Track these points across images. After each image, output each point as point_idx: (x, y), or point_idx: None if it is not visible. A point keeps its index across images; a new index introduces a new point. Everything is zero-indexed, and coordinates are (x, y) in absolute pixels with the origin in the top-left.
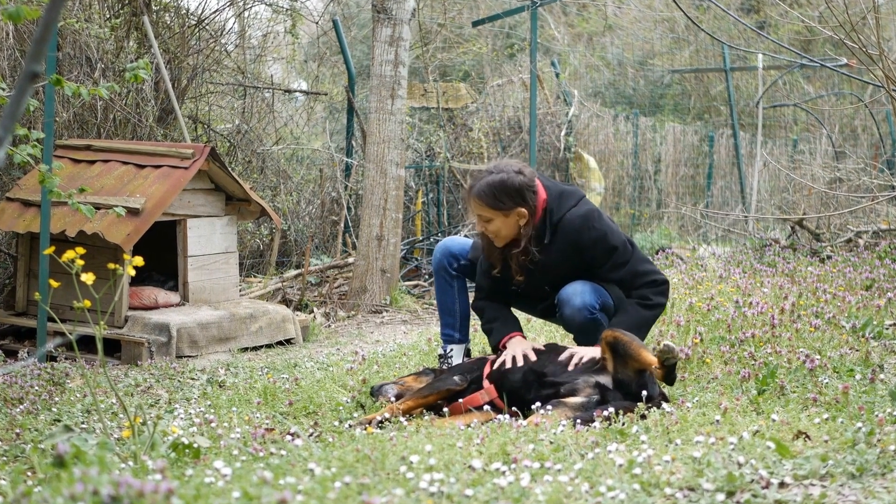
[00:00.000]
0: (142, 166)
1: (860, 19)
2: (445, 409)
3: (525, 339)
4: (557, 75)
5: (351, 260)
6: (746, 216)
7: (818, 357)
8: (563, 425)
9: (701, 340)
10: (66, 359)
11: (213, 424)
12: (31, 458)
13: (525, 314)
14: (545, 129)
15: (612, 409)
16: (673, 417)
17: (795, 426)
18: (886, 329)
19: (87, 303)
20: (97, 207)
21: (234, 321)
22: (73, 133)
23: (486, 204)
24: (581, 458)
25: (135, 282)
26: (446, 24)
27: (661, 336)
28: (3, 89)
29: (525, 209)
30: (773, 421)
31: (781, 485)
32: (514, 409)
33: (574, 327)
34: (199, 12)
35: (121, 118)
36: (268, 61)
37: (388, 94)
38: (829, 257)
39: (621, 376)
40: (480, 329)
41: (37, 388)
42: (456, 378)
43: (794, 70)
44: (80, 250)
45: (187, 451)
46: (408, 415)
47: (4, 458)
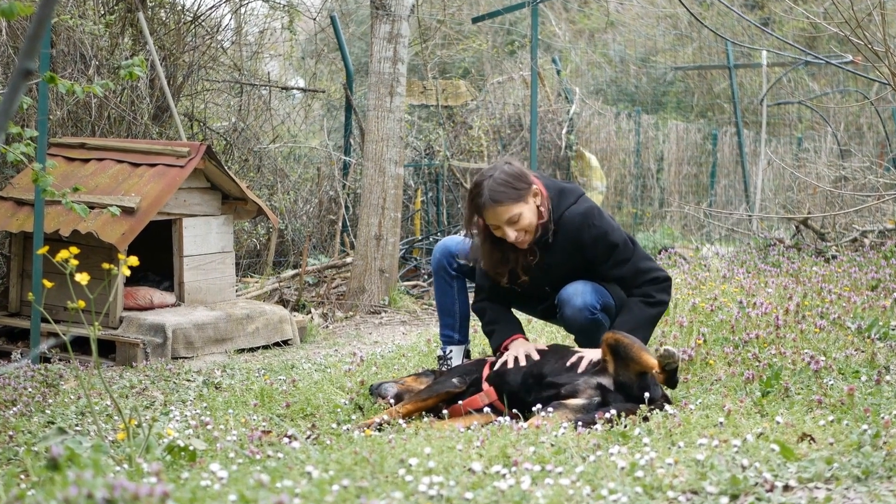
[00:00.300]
0: (137, 165)
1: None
2: (445, 411)
3: (527, 340)
4: (559, 72)
5: (349, 260)
6: (750, 215)
7: (823, 358)
8: (565, 427)
9: (704, 341)
10: (60, 360)
11: (209, 427)
12: (25, 461)
13: (525, 315)
14: (546, 127)
15: (613, 412)
16: (676, 419)
17: (800, 428)
18: (892, 330)
19: (82, 303)
20: (91, 207)
21: (230, 322)
22: (67, 131)
23: (510, 199)
24: (583, 461)
25: (130, 282)
26: (446, 21)
27: (664, 337)
28: None
29: (535, 186)
30: (778, 423)
31: (786, 488)
32: (514, 410)
33: (575, 328)
34: (195, 8)
35: (115, 116)
36: (265, 58)
37: (386, 92)
38: (834, 257)
39: (623, 378)
40: (481, 331)
41: (30, 389)
42: (455, 380)
43: (799, 67)
44: (75, 250)
45: (183, 453)
46: (407, 418)
47: None
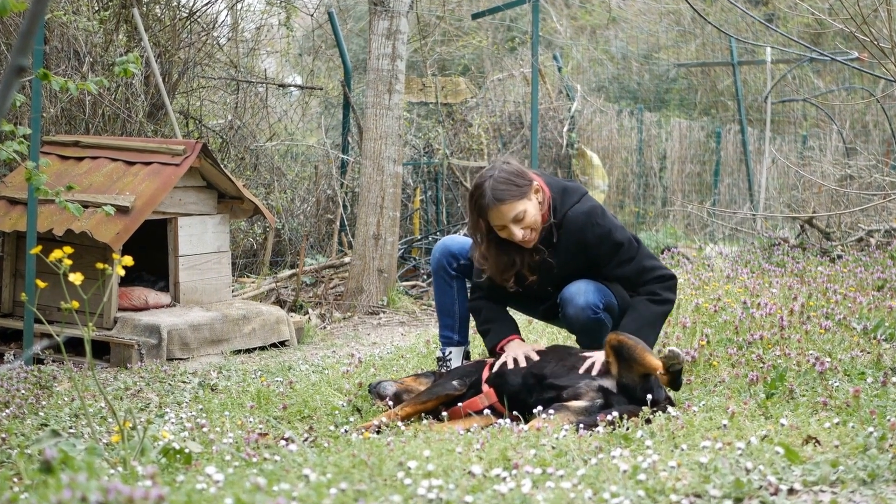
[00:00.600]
0: (131, 163)
1: (872, 11)
2: (444, 414)
3: (523, 341)
4: (560, 69)
5: (347, 259)
6: (754, 214)
7: (828, 360)
8: (566, 430)
9: (707, 342)
10: (54, 361)
11: (204, 429)
12: (18, 464)
13: (526, 316)
14: (547, 124)
15: (615, 414)
16: (679, 422)
17: (805, 431)
18: None
19: (75, 304)
20: (85, 206)
21: (226, 323)
22: (61, 129)
23: (514, 196)
24: (584, 464)
25: (124, 282)
26: (445, 17)
27: (667, 338)
28: None
29: (536, 183)
30: (782, 425)
31: (790, 491)
32: (514, 413)
33: (577, 327)
34: (191, 4)
35: (110, 113)
36: (261, 55)
37: (385, 89)
38: (839, 257)
39: (626, 380)
40: (476, 330)
41: (23, 391)
42: (455, 383)
43: (804, 64)
44: (68, 250)
45: (178, 456)
46: (406, 420)
47: None
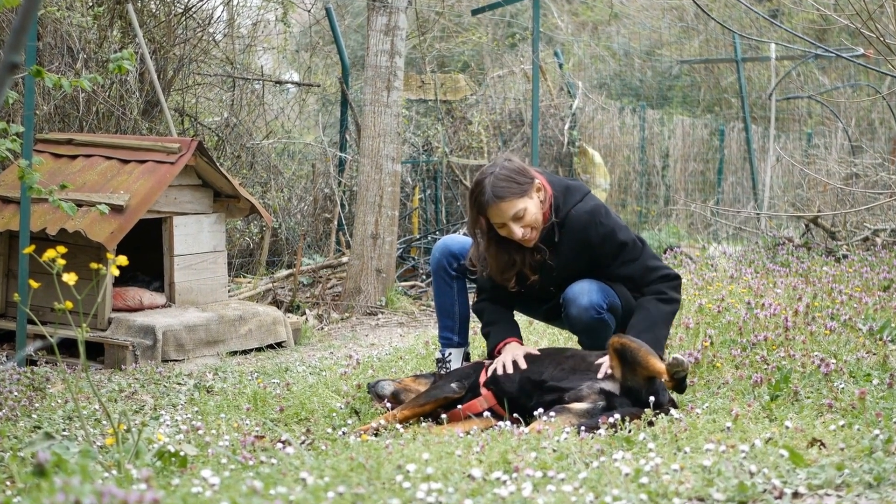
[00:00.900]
0: (126, 161)
1: (878, 7)
2: (444, 416)
3: (521, 344)
4: (561, 66)
5: (345, 259)
6: (759, 213)
7: (834, 361)
8: (567, 432)
9: (711, 343)
10: (47, 363)
11: (200, 432)
12: (10, 467)
13: (527, 317)
14: (548, 122)
15: (617, 416)
16: (682, 424)
17: (810, 433)
18: None
19: (69, 304)
20: (79, 204)
21: (222, 323)
22: (55, 127)
23: (514, 194)
24: (586, 467)
25: (118, 282)
26: (444, 13)
27: (670, 339)
28: None
29: (537, 181)
30: (787, 428)
31: (795, 495)
32: (515, 415)
33: (580, 328)
34: (186, 0)
35: (104, 111)
36: (258, 51)
37: (383, 86)
38: (845, 256)
39: (630, 384)
40: (480, 332)
41: (16, 393)
42: (454, 385)
43: (809, 60)
44: (62, 249)
45: (173, 459)
46: (404, 423)
47: None
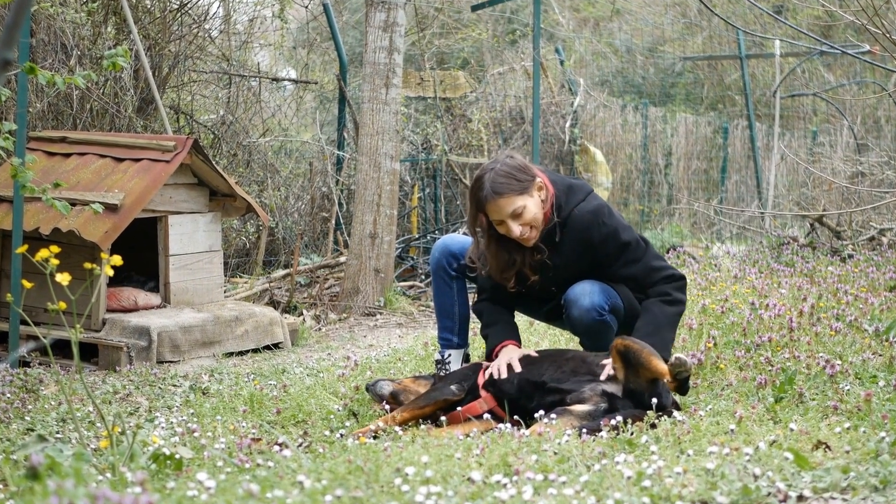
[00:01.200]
0: (120, 160)
1: (884, 3)
2: (443, 418)
3: (519, 346)
4: (562, 63)
5: (342, 259)
6: (763, 213)
7: (839, 362)
8: (569, 435)
9: (714, 345)
10: (40, 364)
11: (196, 434)
12: (3, 470)
13: (528, 318)
14: (549, 120)
15: (619, 418)
16: (685, 427)
17: (815, 436)
18: None
19: (63, 305)
20: (73, 203)
21: (218, 324)
22: (48, 124)
23: (513, 190)
24: (587, 470)
25: (113, 282)
26: (444, 9)
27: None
28: None
29: (539, 179)
30: (791, 430)
31: (800, 498)
32: (515, 417)
33: (581, 329)
34: None
35: (98, 108)
36: (254, 48)
37: (382, 83)
38: (850, 256)
39: (633, 386)
40: (479, 333)
41: (8, 395)
42: (453, 387)
43: (814, 57)
44: (55, 249)
45: (169, 462)
46: (403, 426)
47: None
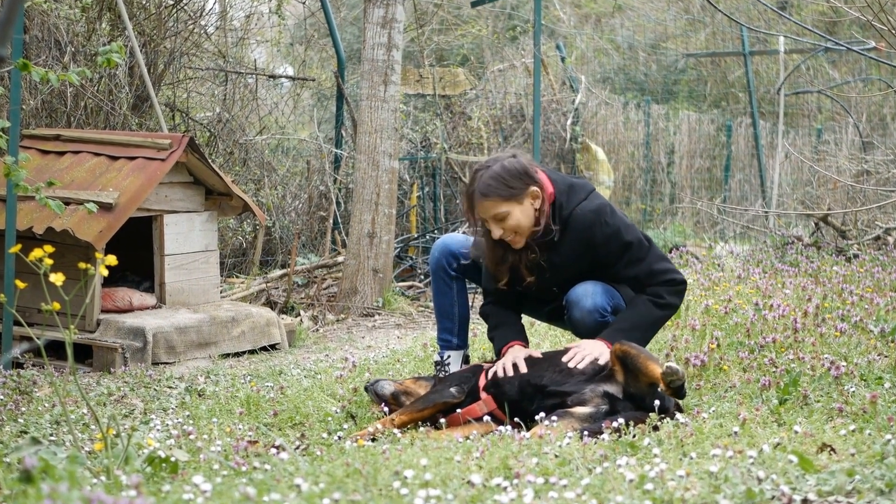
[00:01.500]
0: (115, 158)
1: None
2: (442, 421)
3: (526, 347)
4: (563, 60)
5: (340, 259)
6: (767, 212)
7: (844, 364)
8: (570, 437)
9: (718, 346)
10: (34, 366)
11: (191, 436)
12: None
13: (530, 318)
14: (550, 117)
15: (621, 421)
16: (688, 429)
17: (820, 438)
18: None
19: (56, 305)
20: (67, 202)
21: (214, 325)
22: (41, 122)
23: (499, 196)
24: (589, 473)
25: (107, 282)
26: (443, 4)
27: (675, 341)
28: None
29: (536, 187)
30: (796, 433)
31: (804, 502)
32: (516, 419)
33: (583, 331)
34: None
35: (92, 106)
36: (251, 44)
37: (380, 80)
38: (855, 256)
39: (633, 390)
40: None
41: (2, 397)
42: (453, 390)
43: (819, 54)
44: (49, 248)
45: (164, 465)
46: (402, 429)
47: None
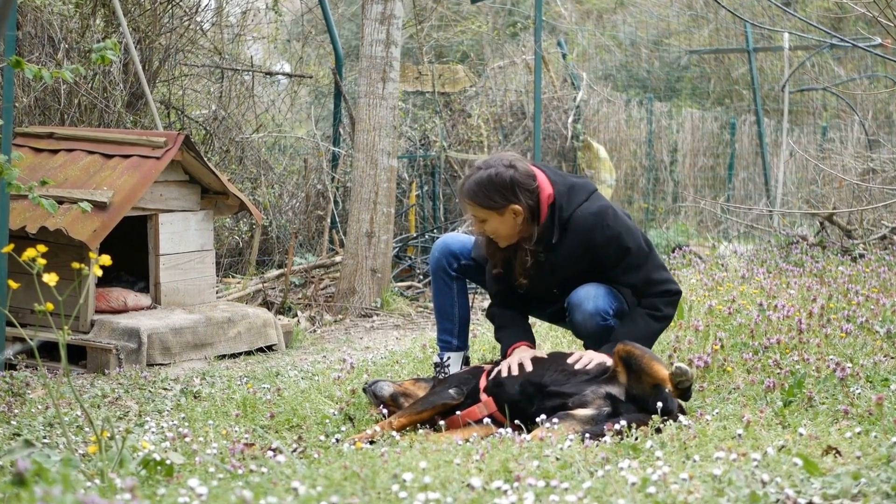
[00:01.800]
0: (109, 156)
1: None
2: (442, 423)
3: (532, 347)
4: (564, 56)
5: (338, 259)
6: (771, 211)
7: (850, 365)
8: (571, 440)
9: (721, 347)
10: (27, 367)
11: (187, 439)
12: None
13: (532, 318)
14: (551, 115)
15: (624, 423)
16: (691, 431)
17: (825, 441)
18: None
19: (50, 306)
20: (60, 201)
21: (210, 326)
22: (35, 120)
23: (477, 203)
24: (590, 476)
25: (102, 282)
26: (442, 1)
27: (678, 342)
28: None
29: (518, 206)
30: (801, 435)
31: None
32: (516, 422)
33: (585, 333)
34: None
35: (86, 103)
36: (247, 41)
37: (378, 77)
38: (861, 255)
39: (636, 391)
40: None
41: None
42: (452, 391)
43: (824, 51)
44: (42, 248)
45: (159, 468)
46: (400, 431)
47: None
